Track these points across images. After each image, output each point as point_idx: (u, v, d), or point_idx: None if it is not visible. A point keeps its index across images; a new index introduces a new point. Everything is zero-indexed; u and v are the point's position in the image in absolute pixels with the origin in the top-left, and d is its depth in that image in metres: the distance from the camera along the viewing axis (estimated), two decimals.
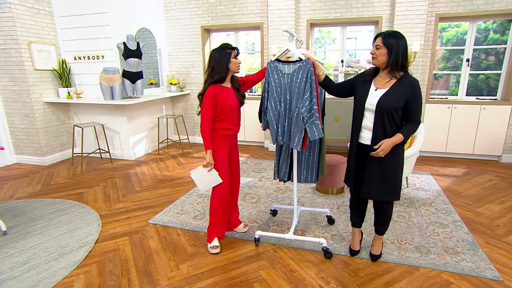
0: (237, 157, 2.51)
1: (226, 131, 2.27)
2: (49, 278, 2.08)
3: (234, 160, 2.48)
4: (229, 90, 2.26)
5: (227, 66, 2.19)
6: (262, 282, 2.02)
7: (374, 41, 1.93)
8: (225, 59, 2.18)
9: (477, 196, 3.37)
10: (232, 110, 2.25)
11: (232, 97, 2.25)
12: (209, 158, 2.22)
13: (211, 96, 2.15)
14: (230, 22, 5.40)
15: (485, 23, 4.68)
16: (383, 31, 1.90)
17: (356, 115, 2.04)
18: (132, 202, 3.30)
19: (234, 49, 2.22)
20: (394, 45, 1.83)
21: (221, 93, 2.19)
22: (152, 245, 2.47)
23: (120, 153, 4.91)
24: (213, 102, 2.16)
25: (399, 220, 2.80)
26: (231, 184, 2.48)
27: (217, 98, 2.17)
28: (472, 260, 2.22)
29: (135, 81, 4.78)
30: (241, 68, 2.32)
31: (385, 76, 1.94)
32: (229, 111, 2.23)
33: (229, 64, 2.19)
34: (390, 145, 1.88)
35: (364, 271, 2.13)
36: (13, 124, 4.62)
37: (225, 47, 2.20)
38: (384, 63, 1.90)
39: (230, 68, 2.21)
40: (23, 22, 4.26)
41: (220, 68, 2.17)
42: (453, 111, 4.59)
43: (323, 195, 3.39)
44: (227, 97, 2.21)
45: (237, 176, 2.54)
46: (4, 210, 3.11)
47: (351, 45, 7.06)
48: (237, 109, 2.32)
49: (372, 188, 2.00)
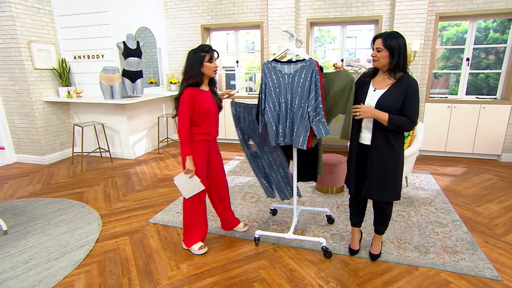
0: (219, 161, 2.45)
1: (204, 136, 2.22)
2: (50, 278, 2.09)
3: (216, 165, 2.42)
4: (206, 93, 2.19)
5: (200, 70, 2.12)
6: (262, 282, 2.03)
7: (373, 43, 1.91)
8: (198, 62, 2.10)
9: (476, 195, 3.38)
10: (209, 114, 2.19)
11: (210, 101, 2.19)
12: (189, 164, 2.16)
13: (187, 100, 2.08)
14: (230, 21, 5.40)
15: (485, 22, 4.68)
16: (382, 33, 1.89)
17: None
18: (132, 201, 3.31)
19: (209, 51, 2.12)
20: (396, 46, 1.82)
21: (198, 97, 2.12)
22: (152, 245, 2.48)
23: (120, 152, 4.91)
24: (190, 106, 2.09)
25: (399, 220, 2.81)
26: (217, 190, 2.46)
27: (194, 101, 2.10)
28: (471, 260, 2.23)
29: (135, 80, 4.78)
30: (217, 71, 2.22)
31: (384, 77, 1.94)
32: (206, 116, 2.18)
33: (202, 68, 2.12)
34: (371, 113, 1.89)
35: (363, 270, 2.14)
36: (13, 123, 4.62)
37: (200, 49, 2.12)
38: (386, 65, 1.89)
39: (204, 72, 2.14)
40: (23, 21, 4.25)
41: (194, 72, 2.11)
42: (453, 110, 4.59)
43: (323, 195, 3.40)
44: (204, 101, 2.15)
45: (223, 181, 2.48)
46: (5, 209, 3.12)
47: (351, 44, 7.07)
48: (215, 113, 2.25)
49: (373, 188, 2.00)
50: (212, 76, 2.22)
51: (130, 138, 4.85)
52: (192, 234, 2.36)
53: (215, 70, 2.20)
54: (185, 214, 2.34)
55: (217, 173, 2.43)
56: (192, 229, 2.35)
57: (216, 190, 2.48)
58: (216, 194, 2.49)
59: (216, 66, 2.19)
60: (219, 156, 2.46)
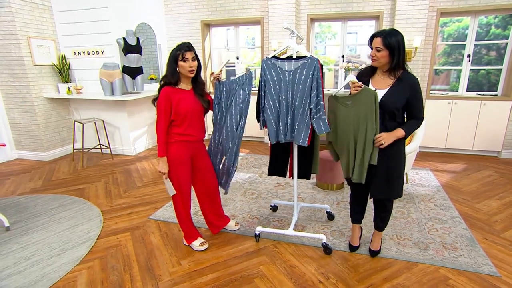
0: (207, 163, 2.36)
1: (184, 137, 2.14)
2: (52, 273, 2.11)
3: (203, 167, 2.33)
4: (187, 93, 2.12)
5: (175, 69, 2.05)
6: (263, 278, 2.05)
7: (371, 41, 1.86)
8: (173, 61, 2.04)
9: (476, 192, 3.39)
10: (189, 115, 2.11)
11: (190, 101, 2.11)
12: (161, 166, 2.11)
13: (163, 99, 2.03)
14: (230, 16, 5.37)
15: (487, 17, 4.65)
16: (380, 31, 1.84)
17: None
18: (133, 197, 3.32)
19: (183, 50, 2.01)
20: (395, 44, 1.79)
21: (175, 96, 2.06)
22: (153, 241, 2.50)
23: (120, 149, 4.92)
24: (166, 105, 2.03)
25: (398, 216, 2.82)
26: (205, 192, 2.41)
27: (171, 101, 2.04)
28: (470, 256, 2.24)
29: (135, 76, 4.77)
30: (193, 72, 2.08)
31: (384, 76, 1.93)
32: (186, 116, 2.09)
33: (177, 67, 2.05)
34: (390, 137, 1.87)
35: (363, 266, 2.15)
36: (14, 119, 4.62)
37: (177, 47, 2.04)
38: (386, 64, 1.87)
39: (180, 72, 2.07)
40: (22, 17, 4.23)
41: (169, 70, 2.06)
42: (453, 106, 4.59)
43: (323, 191, 3.41)
44: (183, 101, 2.07)
45: (212, 183, 2.41)
46: (7, 205, 3.13)
47: (351, 40, 7.03)
48: (198, 114, 2.17)
49: (381, 188, 2.00)
50: (188, 76, 2.10)
51: (131, 135, 4.85)
52: (188, 232, 2.38)
53: (191, 71, 2.07)
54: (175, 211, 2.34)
55: (204, 175, 2.36)
56: (183, 227, 2.37)
57: (205, 193, 2.42)
58: (204, 196, 2.44)
59: (192, 66, 2.06)
60: (207, 157, 2.37)
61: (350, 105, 1.96)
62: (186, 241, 2.41)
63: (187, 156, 2.21)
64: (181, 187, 2.22)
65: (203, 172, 2.35)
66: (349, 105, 1.97)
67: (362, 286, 1.96)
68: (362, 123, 1.92)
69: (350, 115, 1.97)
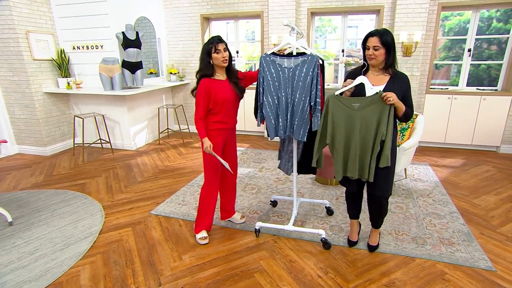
0: (234, 150, 2.51)
1: (220, 125, 2.27)
2: (56, 268, 2.15)
3: (230, 154, 2.48)
4: (223, 83, 2.24)
5: (209, 61, 2.17)
6: (263, 272, 2.09)
7: (366, 41, 1.89)
8: (206, 54, 2.16)
9: (474, 187, 3.42)
10: (226, 103, 2.23)
11: (227, 90, 2.23)
12: (205, 146, 2.20)
13: (203, 90, 2.16)
14: (229, 10, 5.33)
15: (489, 11, 4.62)
16: (373, 31, 1.87)
17: None
18: (134, 192, 3.35)
19: (215, 43, 2.14)
20: (391, 42, 1.85)
21: (213, 86, 2.18)
22: (155, 236, 2.53)
23: (121, 143, 4.94)
24: (206, 96, 2.17)
25: (397, 211, 2.85)
26: (226, 176, 2.53)
27: (209, 91, 2.17)
28: (467, 251, 2.28)
29: (135, 71, 4.76)
30: (226, 61, 2.21)
31: (379, 73, 1.96)
32: (223, 104, 2.22)
33: (210, 60, 2.16)
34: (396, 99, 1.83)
35: (361, 261, 2.19)
36: (14, 114, 4.63)
37: (209, 41, 2.16)
38: (382, 62, 1.91)
39: (214, 63, 2.18)
40: (20, 11, 4.20)
41: (204, 63, 2.17)
42: (453, 101, 4.59)
43: (322, 186, 3.44)
44: (220, 90, 2.20)
45: (234, 169, 2.55)
46: (9, 201, 3.16)
47: (352, 34, 6.97)
48: (233, 102, 2.29)
49: (378, 184, 2.02)
50: (222, 66, 2.22)
51: (131, 129, 4.86)
52: (199, 222, 2.45)
53: (224, 60, 2.19)
54: (200, 201, 2.42)
55: (230, 160, 2.47)
56: (201, 216, 2.44)
57: (228, 178, 2.55)
58: (227, 182, 2.56)
59: (224, 56, 2.18)
60: (235, 145, 2.51)
61: (357, 108, 1.90)
62: (195, 231, 2.48)
63: (222, 144, 2.35)
64: (214, 172, 2.34)
65: (231, 158, 2.48)
66: (356, 108, 1.91)
67: (360, 280, 2.00)
68: (372, 128, 1.88)
69: (356, 118, 1.91)
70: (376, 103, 1.87)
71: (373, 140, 1.92)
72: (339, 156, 2.02)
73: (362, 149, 1.96)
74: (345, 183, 2.17)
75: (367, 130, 1.91)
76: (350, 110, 1.93)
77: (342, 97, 1.97)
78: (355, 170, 1.98)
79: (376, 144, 1.91)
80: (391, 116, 1.86)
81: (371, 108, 1.88)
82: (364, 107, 1.90)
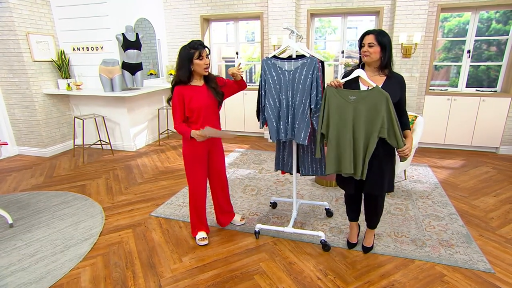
0: (220, 158, 2.44)
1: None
2: (56, 270, 2.15)
3: (217, 162, 2.41)
4: (199, 89, 2.14)
5: (189, 67, 2.05)
6: (262, 274, 2.10)
7: (362, 39, 1.92)
8: (187, 59, 2.03)
9: (473, 188, 3.43)
10: (204, 110, 2.13)
11: (203, 96, 2.13)
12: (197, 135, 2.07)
13: (176, 98, 2.08)
14: (229, 11, 5.34)
15: (488, 12, 4.63)
16: (370, 30, 1.91)
17: None
18: (134, 194, 3.36)
19: (198, 48, 2.02)
20: (387, 42, 1.87)
21: (187, 93, 2.09)
22: (155, 238, 2.54)
23: (121, 144, 4.94)
24: (180, 104, 2.08)
25: (396, 213, 2.86)
26: (216, 186, 2.49)
27: (183, 99, 2.09)
28: (466, 253, 2.29)
29: (135, 72, 4.77)
30: (207, 69, 2.12)
31: (374, 74, 1.98)
32: (200, 111, 2.12)
33: (191, 65, 2.05)
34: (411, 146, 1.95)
35: (361, 263, 2.20)
36: (14, 115, 4.63)
37: (189, 45, 2.04)
38: (376, 61, 1.92)
39: (194, 69, 2.07)
40: (20, 12, 4.21)
41: (182, 69, 2.05)
42: (453, 103, 4.60)
43: (322, 187, 3.45)
44: (195, 97, 2.10)
45: (223, 177, 2.49)
46: (9, 202, 3.17)
47: (352, 35, 6.99)
48: (211, 109, 2.19)
49: (375, 183, 2.03)
50: (203, 74, 2.13)
51: (131, 130, 4.87)
52: (194, 223, 2.46)
53: (206, 68, 2.10)
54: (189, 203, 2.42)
55: (218, 168, 2.45)
56: (193, 218, 2.44)
57: (218, 185, 2.52)
58: (219, 189, 2.53)
59: (207, 63, 2.09)
60: (221, 152, 2.45)
61: (352, 101, 1.90)
62: (192, 233, 2.48)
63: (205, 152, 2.29)
64: (198, 181, 2.31)
65: (218, 166, 2.44)
66: (351, 100, 1.90)
67: (359, 282, 2.01)
68: (367, 124, 1.88)
69: (350, 111, 1.90)
70: (372, 98, 1.86)
71: (364, 135, 1.90)
72: (332, 147, 2.00)
73: (355, 144, 1.94)
74: (343, 185, 2.18)
75: (359, 124, 1.90)
76: (345, 102, 1.93)
77: (339, 89, 1.96)
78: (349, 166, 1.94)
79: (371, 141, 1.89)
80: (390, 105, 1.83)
81: (366, 102, 1.88)
82: (359, 100, 1.89)
